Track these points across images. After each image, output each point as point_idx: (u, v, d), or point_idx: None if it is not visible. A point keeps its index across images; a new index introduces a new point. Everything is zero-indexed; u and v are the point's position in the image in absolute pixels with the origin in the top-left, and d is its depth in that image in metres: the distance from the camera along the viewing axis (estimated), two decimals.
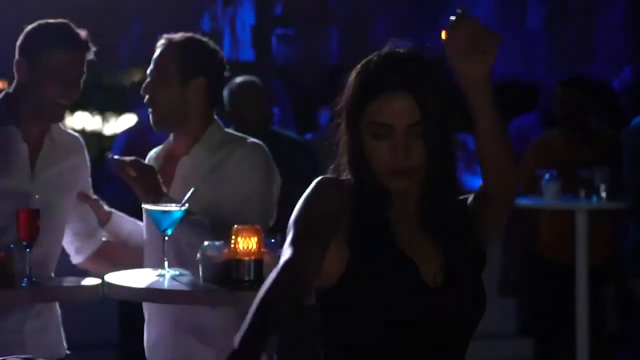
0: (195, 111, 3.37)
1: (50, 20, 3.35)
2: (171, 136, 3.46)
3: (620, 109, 6.36)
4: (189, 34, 3.44)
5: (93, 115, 10.16)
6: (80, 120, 9.92)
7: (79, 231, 3.46)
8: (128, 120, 9.31)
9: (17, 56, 3.32)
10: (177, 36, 3.40)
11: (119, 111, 9.98)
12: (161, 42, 3.39)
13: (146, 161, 3.46)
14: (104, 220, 3.45)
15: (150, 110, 3.38)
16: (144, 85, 3.39)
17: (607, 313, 5.91)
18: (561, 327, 5.82)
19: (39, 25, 3.33)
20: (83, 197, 3.39)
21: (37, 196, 3.19)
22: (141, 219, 3.43)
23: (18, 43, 3.32)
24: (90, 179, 3.49)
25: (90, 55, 3.34)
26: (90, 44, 3.33)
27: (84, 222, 3.46)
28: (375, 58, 2.21)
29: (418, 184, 2.21)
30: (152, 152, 3.50)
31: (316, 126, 7.11)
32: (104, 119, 10.24)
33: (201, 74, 3.36)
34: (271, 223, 3.31)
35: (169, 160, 3.43)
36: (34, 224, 3.06)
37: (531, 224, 5.90)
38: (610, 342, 5.96)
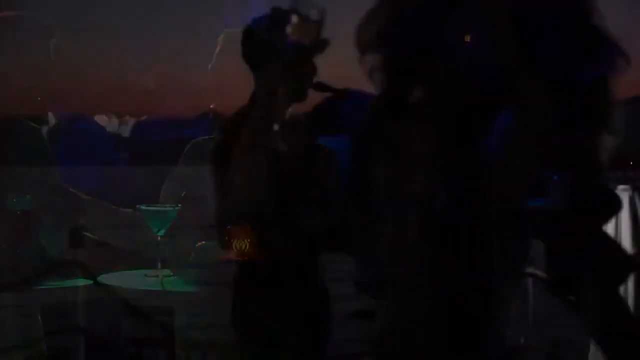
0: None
1: None
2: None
3: None
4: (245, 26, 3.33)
5: (110, 119, 10.17)
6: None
7: None
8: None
9: None
10: (236, 30, 3.28)
11: (137, 115, 9.99)
12: (222, 37, 3.27)
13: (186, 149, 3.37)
14: None
15: None
16: None
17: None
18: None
19: None
20: None
21: (28, 196, 3.13)
22: None
23: None
24: None
25: None
26: None
27: None
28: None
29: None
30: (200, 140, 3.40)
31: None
32: (122, 122, 10.25)
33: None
34: None
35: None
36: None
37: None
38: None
